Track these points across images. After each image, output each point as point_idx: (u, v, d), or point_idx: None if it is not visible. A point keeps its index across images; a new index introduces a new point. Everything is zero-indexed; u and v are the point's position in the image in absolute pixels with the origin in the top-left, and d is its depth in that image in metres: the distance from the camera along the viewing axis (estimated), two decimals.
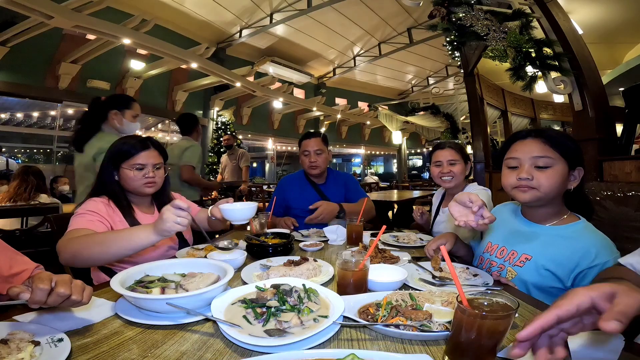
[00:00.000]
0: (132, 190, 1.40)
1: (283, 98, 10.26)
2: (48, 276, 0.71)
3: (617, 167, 2.81)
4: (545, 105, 8.32)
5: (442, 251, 0.73)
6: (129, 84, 7.68)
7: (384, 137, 15.77)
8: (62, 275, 0.74)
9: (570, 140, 1.09)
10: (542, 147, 1.06)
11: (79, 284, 0.74)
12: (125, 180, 1.38)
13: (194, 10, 8.44)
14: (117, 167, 1.37)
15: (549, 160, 1.04)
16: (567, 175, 1.06)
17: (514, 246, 1.15)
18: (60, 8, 4.86)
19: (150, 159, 1.39)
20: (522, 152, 1.09)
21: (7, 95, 6.61)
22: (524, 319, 0.78)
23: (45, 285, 0.68)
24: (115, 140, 1.44)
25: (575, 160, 1.06)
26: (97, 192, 1.38)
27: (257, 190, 6.66)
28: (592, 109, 3.06)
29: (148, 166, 1.38)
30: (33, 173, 2.90)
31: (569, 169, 1.06)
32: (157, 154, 1.43)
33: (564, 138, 1.08)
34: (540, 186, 1.05)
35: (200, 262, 1.05)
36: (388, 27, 10.94)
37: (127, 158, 1.36)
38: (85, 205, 1.29)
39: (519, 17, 3.21)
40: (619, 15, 6.73)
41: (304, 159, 2.17)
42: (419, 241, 1.63)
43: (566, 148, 1.06)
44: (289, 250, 1.45)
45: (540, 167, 1.05)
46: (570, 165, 1.06)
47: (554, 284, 1.03)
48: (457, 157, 1.78)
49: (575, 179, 1.07)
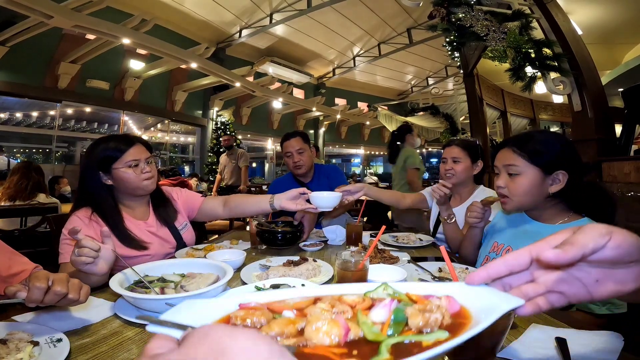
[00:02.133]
0: (132, 191, 1.33)
1: (283, 98, 10.26)
2: (45, 275, 0.71)
3: (616, 167, 2.82)
4: (545, 105, 8.33)
5: (442, 251, 0.73)
6: (129, 83, 7.68)
7: (384, 137, 15.75)
8: (59, 274, 0.73)
9: (544, 144, 1.06)
10: (510, 155, 1.08)
11: (75, 283, 0.74)
12: (123, 182, 1.29)
13: (194, 10, 8.44)
14: (108, 171, 1.28)
15: (516, 167, 1.07)
16: (541, 180, 1.04)
17: (519, 246, 1.14)
18: (60, 8, 4.86)
19: (140, 154, 1.32)
20: (498, 160, 1.13)
21: (6, 95, 6.60)
22: (524, 319, 0.78)
23: (42, 283, 0.68)
24: (91, 146, 1.34)
25: (552, 164, 1.04)
26: (79, 202, 1.30)
27: (257, 191, 6.65)
28: (591, 110, 3.07)
29: (141, 161, 1.31)
30: (35, 169, 2.83)
31: (545, 174, 1.04)
32: (144, 148, 1.36)
33: (535, 143, 1.06)
34: (511, 194, 1.08)
35: (199, 263, 1.04)
36: (388, 28, 10.95)
37: (116, 159, 1.27)
38: (70, 225, 1.19)
39: (518, 18, 3.21)
40: (619, 16, 6.75)
41: (288, 160, 2.17)
42: (418, 241, 1.63)
43: (536, 154, 1.04)
44: (298, 238, 1.51)
45: (511, 174, 1.08)
46: (546, 170, 1.04)
47: None
48: (461, 155, 1.72)
49: (557, 183, 1.04)
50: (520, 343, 0.66)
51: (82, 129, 10.63)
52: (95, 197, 1.29)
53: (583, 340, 0.64)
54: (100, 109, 8.47)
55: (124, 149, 1.29)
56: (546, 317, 0.79)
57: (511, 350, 0.64)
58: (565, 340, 0.61)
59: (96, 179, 1.29)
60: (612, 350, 0.60)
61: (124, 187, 1.31)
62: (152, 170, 1.35)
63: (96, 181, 1.29)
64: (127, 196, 1.36)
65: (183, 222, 1.51)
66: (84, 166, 1.32)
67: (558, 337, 0.63)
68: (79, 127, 10.55)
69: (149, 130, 11.17)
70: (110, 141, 1.31)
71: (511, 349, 0.64)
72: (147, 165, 1.33)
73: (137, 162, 1.29)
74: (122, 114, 8.36)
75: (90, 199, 1.29)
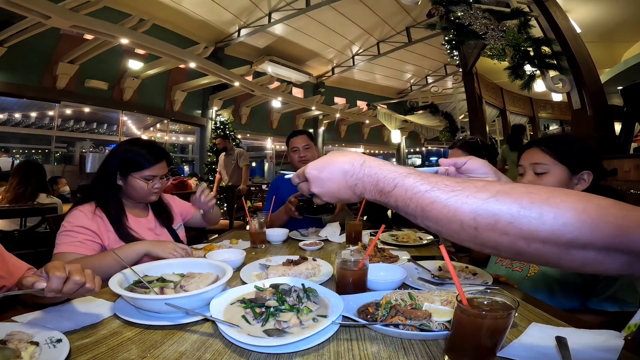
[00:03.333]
0: (135, 198, 1.41)
1: (282, 97, 10.24)
2: (61, 264, 0.72)
3: (615, 165, 2.82)
4: (544, 103, 8.33)
5: (442, 251, 0.73)
6: (127, 83, 7.66)
7: (383, 136, 15.76)
8: (74, 265, 0.74)
9: (571, 145, 1.09)
10: (539, 154, 1.10)
11: (89, 273, 0.75)
12: (132, 189, 1.37)
13: (192, 9, 8.41)
14: (125, 175, 1.35)
15: (545, 166, 1.08)
16: (568, 179, 1.07)
17: None
18: (58, 8, 4.84)
19: (161, 170, 1.40)
20: (524, 159, 1.15)
21: (4, 96, 6.58)
22: (524, 318, 0.78)
23: (62, 273, 0.69)
24: (123, 144, 1.42)
25: (579, 164, 1.07)
26: (87, 195, 1.36)
27: (256, 190, 6.65)
28: (590, 108, 3.07)
29: (156, 177, 1.39)
30: (34, 173, 2.81)
31: (572, 173, 1.06)
32: (165, 165, 1.43)
33: (562, 143, 1.09)
34: None
35: (199, 262, 1.04)
36: (387, 26, 10.93)
37: (139, 169, 1.35)
38: (73, 218, 1.26)
39: (517, 16, 3.21)
40: (618, 14, 6.74)
41: (294, 155, 2.27)
42: (418, 240, 1.63)
43: (563, 153, 1.07)
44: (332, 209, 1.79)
45: (538, 173, 1.09)
46: (572, 169, 1.06)
47: (575, 278, 1.04)
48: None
49: (582, 182, 1.07)
50: (520, 342, 0.66)
51: (81, 129, 10.63)
52: (104, 193, 1.36)
53: (583, 340, 0.64)
54: (99, 109, 8.45)
55: (149, 165, 1.36)
56: (547, 316, 0.79)
57: (511, 349, 0.63)
58: (565, 340, 0.61)
59: (112, 177, 1.36)
60: (613, 349, 0.60)
61: (129, 192, 1.39)
62: (162, 186, 1.43)
63: (112, 179, 1.36)
64: (128, 198, 1.43)
65: (178, 223, 1.60)
66: (106, 162, 1.38)
67: (558, 336, 0.63)
68: (78, 127, 10.54)
69: (148, 130, 11.15)
70: (142, 150, 1.37)
71: (511, 348, 0.64)
72: (160, 182, 1.40)
73: (153, 177, 1.38)
74: (121, 114, 8.34)
75: (100, 194, 1.35)
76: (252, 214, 1.63)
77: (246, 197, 5.24)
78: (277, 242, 1.68)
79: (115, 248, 1.17)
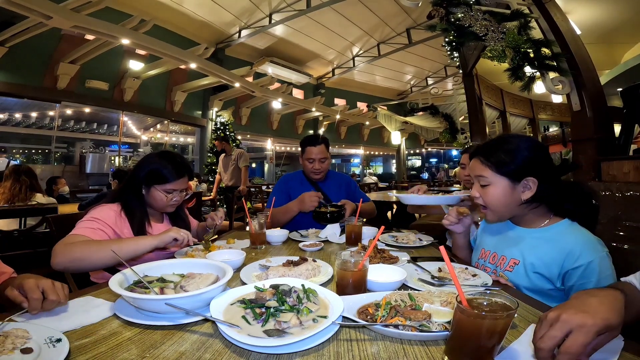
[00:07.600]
0: (154, 207, 1.48)
1: (282, 98, 10.25)
2: (35, 284, 0.78)
3: (615, 167, 2.82)
4: (544, 105, 8.34)
5: (442, 251, 0.73)
6: (128, 84, 7.67)
7: (383, 137, 15.78)
8: (45, 281, 0.80)
9: (510, 154, 1.04)
10: (479, 166, 1.09)
11: (59, 286, 0.81)
12: (152, 199, 1.44)
13: (193, 10, 8.43)
14: (149, 185, 1.42)
15: (485, 179, 1.07)
16: (510, 189, 1.05)
17: (503, 251, 1.16)
18: (59, 8, 4.85)
19: (181, 185, 1.46)
20: (470, 170, 1.14)
21: (5, 96, 6.60)
22: (523, 319, 0.78)
23: (37, 295, 0.77)
24: (152, 156, 1.47)
25: (520, 173, 1.03)
26: (116, 197, 1.43)
27: (257, 191, 6.65)
28: (590, 109, 3.07)
29: (176, 191, 1.45)
30: (24, 172, 2.90)
31: (513, 182, 1.04)
32: (187, 180, 1.49)
33: (502, 153, 1.05)
34: (486, 204, 1.09)
35: (199, 263, 1.04)
36: (387, 28, 10.95)
37: (162, 182, 1.41)
38: (95, 211, 1.32)
39: (517, 18, 3.22)
40: (617, 16, 6.76)
41: (308, 165, 2.16)
42: (417, 241, 1.63)
43: (502, 164, 1.04)
44: (341, 216, 1.86)
45: (483, 185, 1.09)
46: (513, 178, 1.04)
47: (544, 286, 1.03)
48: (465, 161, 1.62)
49: (528, 189, 1.04)
50: (519, 343, 0.66)
51: (81, 129, 10.64)
52: (132, 200, 1.42)
53: None
54: (99, 109, 8.46)
55: (172, 179, 1.42)
56: None
57: (511, 350, 0.63)
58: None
59: (139, 186, 1.43)
60: (612, 350, 0.60)
61: (149, 201, 1.46)
62: (180, 199, 1.49)
63: (139, 188, 1.43)
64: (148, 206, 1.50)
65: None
66: (136, 170, 1.45)
67: None
68: (78, 127, 10.55)
69: (148, 131, 11.17)
70: (168, 165, 1.43)
71: (511, 350, 0.64)
72: (179, 195, 1.47)
73: (173, 191, 1.44)
74: (122, 114, 8.35)
75: (127, 200, 1.42)
76: (252, 215, 1.63)
77: (246, 198, 5.24)
78: (277, 243, 1.68)
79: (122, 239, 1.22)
